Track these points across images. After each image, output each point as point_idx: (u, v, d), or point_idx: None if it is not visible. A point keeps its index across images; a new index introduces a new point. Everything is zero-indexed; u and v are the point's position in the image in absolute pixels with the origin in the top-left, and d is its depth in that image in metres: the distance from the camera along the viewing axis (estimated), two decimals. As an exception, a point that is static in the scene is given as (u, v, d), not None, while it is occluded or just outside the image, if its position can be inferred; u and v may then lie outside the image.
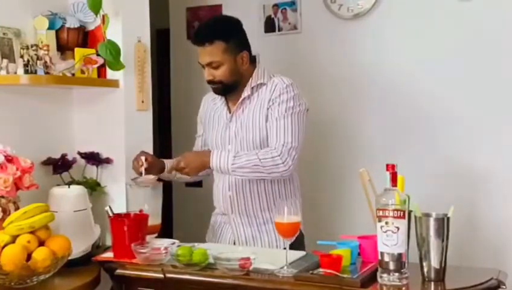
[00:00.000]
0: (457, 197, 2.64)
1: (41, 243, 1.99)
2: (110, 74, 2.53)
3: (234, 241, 2.49)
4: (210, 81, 2.41)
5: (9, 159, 2.13)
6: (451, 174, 2.97)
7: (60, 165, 2.51)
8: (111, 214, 2.21)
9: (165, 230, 2.63)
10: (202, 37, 2.37)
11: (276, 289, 1.89)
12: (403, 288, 1.79)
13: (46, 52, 2.30)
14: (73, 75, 2.42)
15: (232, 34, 2.39)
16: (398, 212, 1.79)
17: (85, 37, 2.57)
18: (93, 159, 2.54)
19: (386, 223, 1.80)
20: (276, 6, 3.38)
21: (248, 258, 1.94)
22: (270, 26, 3.41)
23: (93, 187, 2.51)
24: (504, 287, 1.83)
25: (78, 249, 2.16)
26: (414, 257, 1.89)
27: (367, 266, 1.95)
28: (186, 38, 3.65)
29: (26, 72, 2.26)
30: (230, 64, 2.37)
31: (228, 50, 2.35)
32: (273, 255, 2.08)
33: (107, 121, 2.57)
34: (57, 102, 2.59)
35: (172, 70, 3.79)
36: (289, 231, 2.01)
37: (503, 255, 2.85)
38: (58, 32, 2.50)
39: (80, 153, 2.56)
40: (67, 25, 2.50)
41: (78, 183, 2.47)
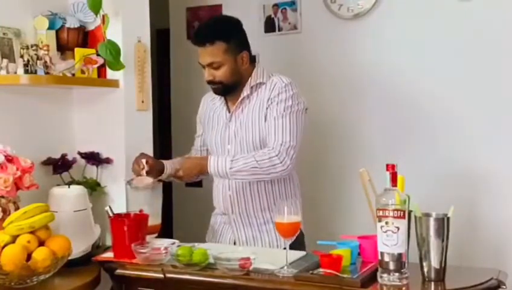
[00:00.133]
0: (457, 197, 2.63)
1: (42, 243, 1.99)
2: (110, 74, 2.53)
3: (234, 241, 2.49)
4: (210, 82, 2.41)
5: (10, 159, 2.13)
6: (451, 174, 2.97)
7: (60, 165, 2.51)
8: (111, 214, 2.21)
9: (165, 230, 2.63)
10: (203, 37, 2.37)
11: (276, 289, 1.89)
12: (403, 288, 1.79)
13: (46, 52, 2.30)
14: (74, 75, 2.42)
15: (232, 34, 2.39)
16: (398, 212, 1.79)
17: (85, 37, 2.57)
18: (93, 159, 2.54)
19: (386, 223, 1.80)
20: (276, 6, 3.38)
21: (248, 258, 1.94)
22: (270, 26, 3.41)
23: (93, 187, 2.51)
24: (504, 287, 1.83)
25: (78, 249, 2.16)
26: (414, 257, 1.89)
27: (367, 266, 1.95)
28: (186, 38, 3.65)
29: (26, 72, 2.26)
30: (230, 64, 2.37)
31: (229, 50, 2.35)
32: (273, 255, 2.08)
33: (107, 121, 2.57)
34: (57, 102, 2.59)
35: (172, 70, 3.80)
36: (289, 231, 2.01)
37: (503, 255, 2.85)
38: (58, 32, 2.50)
39: (80, 153, 2.56)
40: (67, 25, 2.50)
41: (78, 183, 2.47)
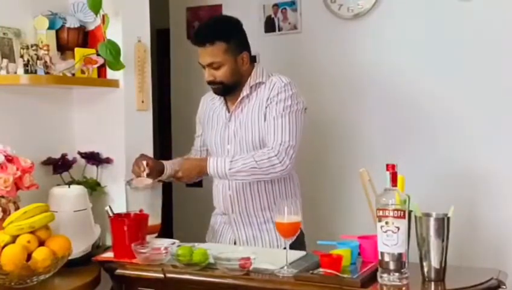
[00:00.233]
0: (458, 197, 2.64)
1: (42, 243, 1.99)
2: (110, 74, 2.53)
3: (235, 241, 2.49)
4: (210, 82, 2.41)
5: (10, 159, 2.13)
6: (451, 174, 2.97)
7: (60, 165, 2.51)
8: (111, 214, 2.21)
9: (165, 230, 2.63)
10: (203, 37, 2.36)
11: (277, 289, 1.89)
12: (403, 288, 1.79)
13: (46, 52, 2.30)
14: (74, 75, 2.42)
15: (232, 35, 2.39)
16: (398, 212, 1.79)
17: (85, 37, 2.57)
18: (93, 159, 2.54)
19: (386, 223, 1.80)
20: (276, 6, 3.38)
21: (248, 258, 1.94)
22: (270, 26, 3.41)
23: (93, 187, 2.51)
24: (504, 287, 1.83)
25: (78, 249, 2.16)
26: (414, 257, 1.89)
27: (367, 266, 1.95)
28: (186, 38, 3.65)
29: (26, 72, 2.26)
30: (230, 64, 2.37)
31: (229, 50, 2.35)
32: (273, 255, 2.08)
33: (107, 121, 2.57)
34: (57, 102, 2.59)
35: (172, 70, 3.79)
36: (289, 230, 2.01)
37: (503, 255, 2.85)
38: (58, 32, 2.50)
39: (80, 153, 2.56)
40: (68, 25, 2.50)
41: (78, 183, 2.47)
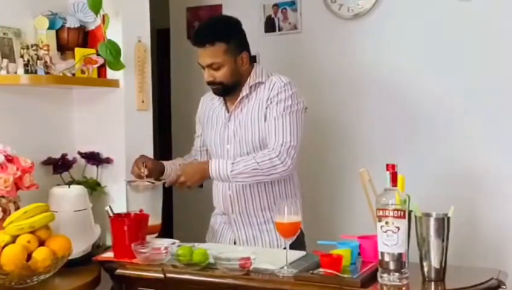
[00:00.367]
0: (458, 197, 2.64)
1: (42, 243, 1.99)
2: (110, 74, 2.53)
3: (235, 241, 2.49)
4: (210, 82, 2.40)
5: (10, 159, 2.13)
6: (451, 174, 2.97)
7: (60, 165, 2.51)
8: (111, 214, 2.21)
9: (166, 230, 2.63)
10: (203, 38, 2.36)
11: (277, 288, 1.89)
12: (403, 288, 1.79)
13: (46, 52, 2.30)
14: (74, 75, 2.42)
15: (232, 35, 2.38)
16: (398, 212, 1.79)
17: (85, 37, 2.57)
18: (94, 159, 2.54)
19: (386, 223, 1.80)
20: (276, 6, 3.38)
21: (248, 258, 1.94)
22: (270, 26, 3.41)
23: (94, 187, 2.51)
24: (504, 287, 1.83)
25: (78, 249, 2.16)
26: (414, 257, 1.89)
27: (367, 266, 1.95)
28: (186, 38, 3.65)
29: (26, 72, 2.26)
30: (230, 65, 2.36)
31: (229, 51, 2.35)
32: (273, 255, 2.08)
33: (107, 121, 2.57)
34: (57, 102, 2.59)
35: (172, 70, 3.79)
36: (290, 230, 2.01)
37: (503, 255, 2.85)
38: (58, 32, 2.50)
39: (80, 153, 2.56)
40: (68, 25, 2.50)
41: (78, 183, 2.47)
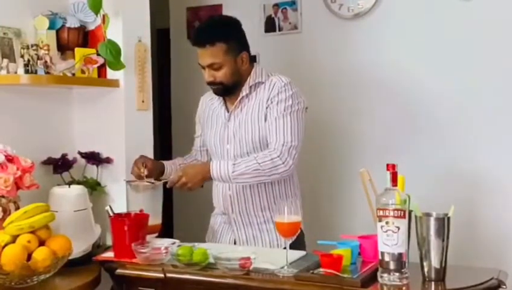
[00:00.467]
0: (458, 197, 2.64)
1: (42, 243, 1.99)
2: (111, 74, 2.53)
3: (234, 241, 2.49)
4: (210, 83, 2.40)
5: (10, 159, 2.13)
6: (452, 173, 2.97)
7: (60, 165, 2.51)
8: (111, 214, 2.21)
9: (166, 230, 2.63)
10: (203, 38, 2.35)
11: (277, 288, 1.89)
12: (403, 288, 1.79)
13: (46, 52, 2.30)
14: (74, 75, 2.42)
15: (232, 35, 2.38)
16: (399, 212, 1.79)
17: (85, 37, 2.57)
18: (94, 158, 2.54)
19: (386, 222, 1.80)
20: (276, 6, 3.38)
21: (248, 258, 1.94)
22: (270, 25, 3.41)
23: (94, 187, 2.51)
24: (504, 287, 1.83)
25: (79, 249, 2.16)
26: (414, 257, 1.89)
27: (367, 266, 1.94)
28: (186, 38, 3.65)
29: (26, 71, 2.26)
30: (231, 65, 2.36)
31: (229, 51, 2.35)
32: (274, 255, 2.09)
33: (108, 121, 2.57)
34: (57, 102, 2.59)
35: (172, 70, 3.79)
36: (290, 230, 2.01)
37: (503, 254, 2.85)
38: (58, 32, 2.50)
39: (80, 153, 2.56)
40: (68, 25, 2.50)
41: (78, 183, 2.47)
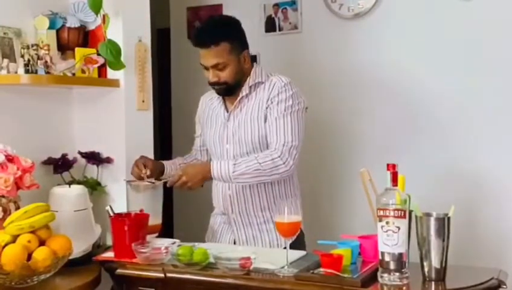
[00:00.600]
0: (458, 197, 2.64)
1: (42, 243, 1.99)
2: (111, 74, 2.53)
3: (234, 241, 2.49)
4: (215, 83, 2.38)
5: (10, 159, 2.13)
6: (452, 173, 2.98)
7: (60, 165, 2.51)
8: (111, 214, 2.21)
9: (166, 230, 2.63)
10: (206, 38, 2.34)
11: (277, 288, 1.89)
12: (404, 288, 1.79)
13: (46, 51, 2.30)
14: (74, 74, 2.42)
15: (235, 34, 2.38)
16: (399, 212, 1.79)
17: (85, 37, 2.57)
18: (94, 158, 2.54)
19: (386, 222, 1.80)
20: (276, 5, 3.38)
21: (248, 258, 1.94)
22: (270, 25, 3.41)
23: (94, 187, 2.51)
24: (505, 286, 1.83)
25: (79, 249, 2.16)
26: (415, 257, 1.89)
27: (367, 266, 1.94)
28: (186, 37, 3.65)
29: (26, 71, 2.26)
30: (235, 64, 2.36)
31: (232, 50, 2.35)
32: (274, 255, 2.08)
33: (108, 121, 2.57)
34: (58, 102, 2.59)
35: (172, 70, 3.79)
36: (290, 230, 2.01)
37: (503, 254, 2.85)
38: (58, 32, 2.50)
39: (81, 153, 2.56)
40: (68, 25, 2.50)
41: (78, 183, 2.47)
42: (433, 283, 1.85)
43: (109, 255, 2.20)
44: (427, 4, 3.03)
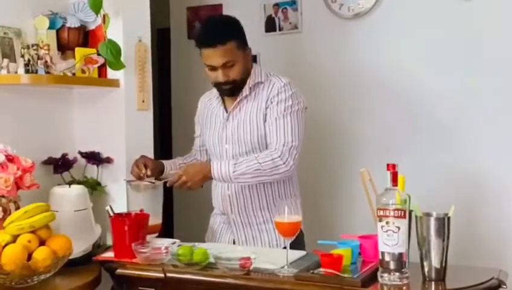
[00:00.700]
0: (458, 197, 2.64)
1: (42, 243, 1.99)
2: (111, 74, 2.53)
3: (234, 241, 2.49)
4: (224, 82, 2.36)
5: (10, 159, 2.13)
6: (452, 173, 2.98)
7: (60, 165, 2.51)
8: (112, 214, 2.21)
9: (166, 230, 2.63)
10: (213, 38, 2.31)
11: (277, 288, 1.89)
12: (404, 288, 1.79)
13: (46, 51, 2.30)
14: (74, 74, 2.42)
15: (238, 33, 2.38)
16: (399, 211, 1.79)
17: (86, 37, 2.57)
18: (94, 158, 2.54)
19: (386, 222, 1.80)
20: (276, 5, 3.38)
21: (248, 258, 1.94)
22: (270, 25, 3.41)
23: (94, 187, 2.51)
24: (505, 286, 1.83)
25: (79, 249, 2.16)
26: (415, 257, 1.89)
27: (367, 266, 1.94)
28: (186, 37, 3.66)
29: (27, 71, 2.26)
30: (241, 61, 2.36)
31: (238, 47, 2.34)
32: (274, 255, 2.09)
33: (108, 121, 2.57)
34: (58, 102, 2.59)
35: (172, 70, 3.79)
36: (290, 230, 2.01)
37: (503, 254, 2.85)
38: (58, 31, 2.50)
39: (81, 153, 2.56)
40: (68, 25, 2.50)
41: (78, 183, 2.47)
42: (433, 283, 1.85)
43: (109, 255, 2.20)
44: (427, 4, 3.03)
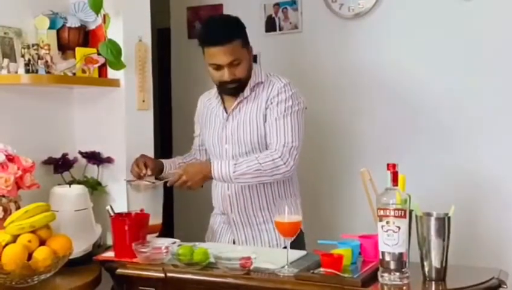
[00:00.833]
0: (458, 197, 2.64)
1: (42, 243, 1.99)
2: (111, 74, 2.53)
3: (234, 241, 2.49)
4: (231, 81, 2.35)
5: (11, 159, 2.13)
6: (452, 173, 2.98)
7: (61, 165, 2.51)
8: (112, 214, 2.21)
9: (166, 230, 2.63)
10: (219, 37, 2.31)
11: (277, 288, 1.89)
12: (404, 288, 1.79)
13: (47, 51, 2.30)
14: (74, 74, 2.42)
15: (242, 31, 2.39)
16: (399, 211, 1.79)
17: (86, 37, 2.57)
18: (94, 158, 2.54)
19: (387, 222, 1.80)
20: (277, 5, 3.38)
21: (249, 258, 1.95)
22: (270, 25, 3.41)
23: (94, 187, 2.51)
24: (505, 286, 1.83)
25: (79, 249, 2.16)
26: (415, 257, 1.89)
27: (368, 266, 1.95)
28: (187, 37, 3.66)
29: (27, 71, 2.26)
30: (247, 58, 2.37)
31: (243, 45, 2.35)
32: (274, 255, 2.09)
33: (108, 121, 2.57)
34: (58, 101, 2.59)
35: (172, 70, 3.80)
36: (290, 230, 2.01)
37: (504, 254, 2.85)
38: (59, 31, 2.50)
39: (81, 153, 2.56)
40: (68, 25, 2.50)
41: (79, 183, 2.47)
42: (433, 282, 1.85)
43: (109, 255, 2.20)
44: (427, 4, 3.03)
